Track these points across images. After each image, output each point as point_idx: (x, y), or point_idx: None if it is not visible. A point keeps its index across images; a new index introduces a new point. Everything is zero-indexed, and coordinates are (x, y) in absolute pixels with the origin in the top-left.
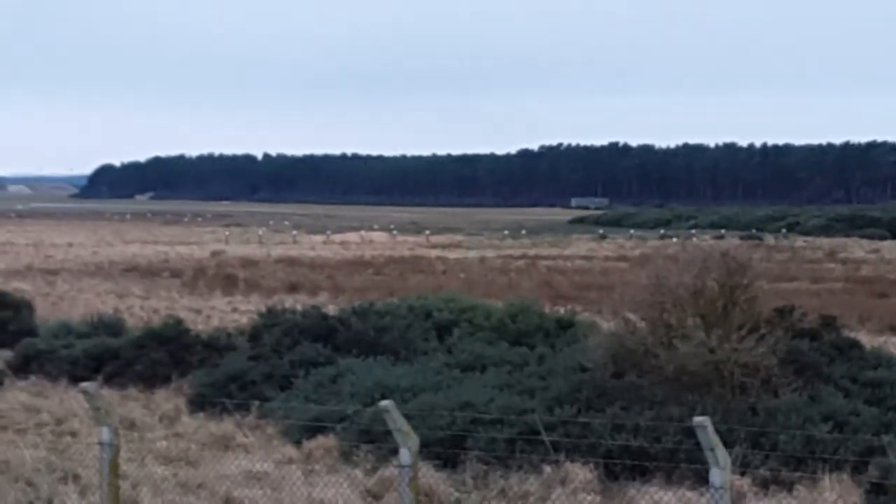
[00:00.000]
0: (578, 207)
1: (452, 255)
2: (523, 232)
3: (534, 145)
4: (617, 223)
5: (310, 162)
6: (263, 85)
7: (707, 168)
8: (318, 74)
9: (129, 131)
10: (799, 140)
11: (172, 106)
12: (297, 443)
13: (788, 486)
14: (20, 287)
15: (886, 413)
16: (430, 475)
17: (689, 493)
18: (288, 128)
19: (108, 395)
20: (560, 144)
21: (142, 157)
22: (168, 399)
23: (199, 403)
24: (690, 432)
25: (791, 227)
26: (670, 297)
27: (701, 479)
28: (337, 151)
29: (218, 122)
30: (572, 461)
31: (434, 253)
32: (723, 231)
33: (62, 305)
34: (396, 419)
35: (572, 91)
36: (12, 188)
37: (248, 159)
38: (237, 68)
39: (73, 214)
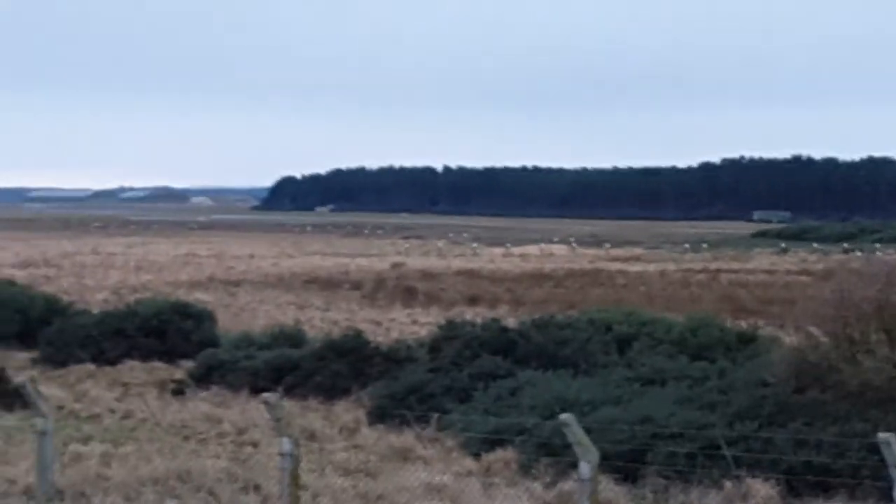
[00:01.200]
0: (760, 221)
1: (632, 268)
2: (704, 245)
3: (715, 158)
4: (799, 237)
5: (490, 174)
6: (444, 98)
7: (892, 182)
8: (498, 87)
9: (310, 144)
10: None
11: (353, 118)
12: (476, 455)
13: None
14: (202, 298)
15: None
16: (609, 489)
17: None
18: (468, 140)
19: (289, 406)
20: (742, 157)
21: (323, 170)
22: (348, 410)
23: (378, 415)
24: (874, 449)
25: None
26: (854, 311)
27: (885, 496)
28: (517, 164)
29: (398, 134)
30: (753, 477)
31: (614, 266)
32: None
33: (243, 316)
34: (576, 433)
35: (754, 103)
36: (195, 200)
37: (429, 172)
38: (418, 82)
39: (255, 226)
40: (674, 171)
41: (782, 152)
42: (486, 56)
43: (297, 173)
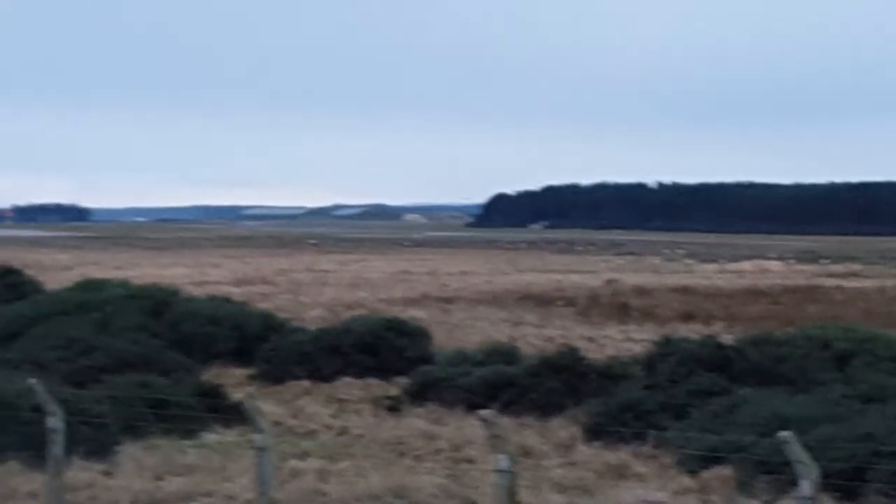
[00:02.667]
0: None
1: (850, 284)
2: None
3: None
4: None
5: (704, 190)
6: (657, 113)
7: None
8: (711, 103)
9: (523, 160)
10: None
11: (565, 135)
12: (693, 472)
13: None
14: (417, 315)
15: None
16: None
17: None
18: (681, 156)
19: (504, 422)
20: None
21: (535, 186)
22: (563, 427)
23: (594, 432)
24: None
25: None
26: None
27: None
28: (730, 179)
29: (611, 150)
30: None
31: (831, 282)
32: None
33: (457, 333)
34: (796, 450)
35: None
36: (408, 217)
37: (641, 188)
38: (630, 98)
39: (468, 243)
40: (891, 186)
41: None
42: (698, 71)
43: (510, 190)
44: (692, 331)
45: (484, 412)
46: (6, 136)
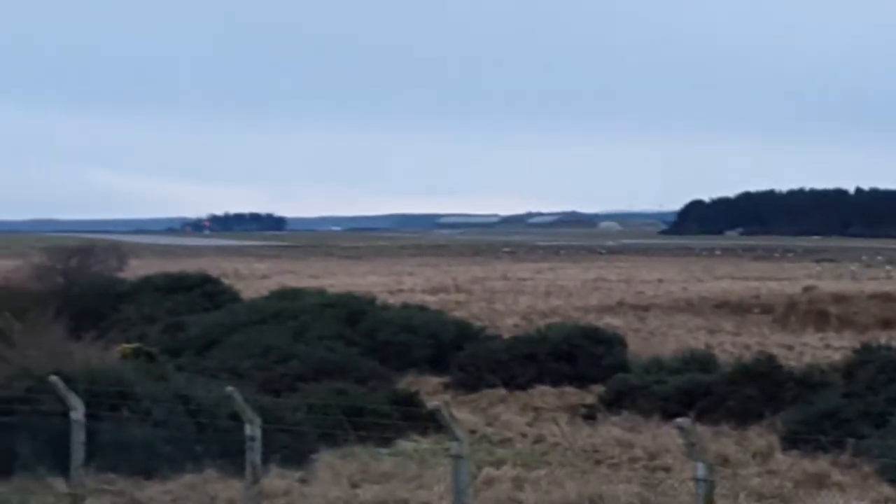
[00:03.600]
0: None
1: None
2: None
3: None
4: None
5: None
6: (855, 118)
7: None
8: None
9: (718, 167)
10: None
11: (761, 141)
12: (894, 482)
13: None
14: (612, 323)
15: None
16: None
17: None
18: (882, 160)
19: (701, 431)
20: None
21: (731, 193)
22: (761, 436)
23: (792, 440)
24: None
25: None
26: None
27: None
28: None
29: (808, 156)
30: None
31: None
32: None
33: (653, 341)
34: None
35: None
36: (603, 225)
37: (840, 193)
38: (828, 103)
39: (663, 250)
40: None
41: None
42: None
43: (706, 197)
44: (892, 338)
45: (681, 420)
46: (205, 148)
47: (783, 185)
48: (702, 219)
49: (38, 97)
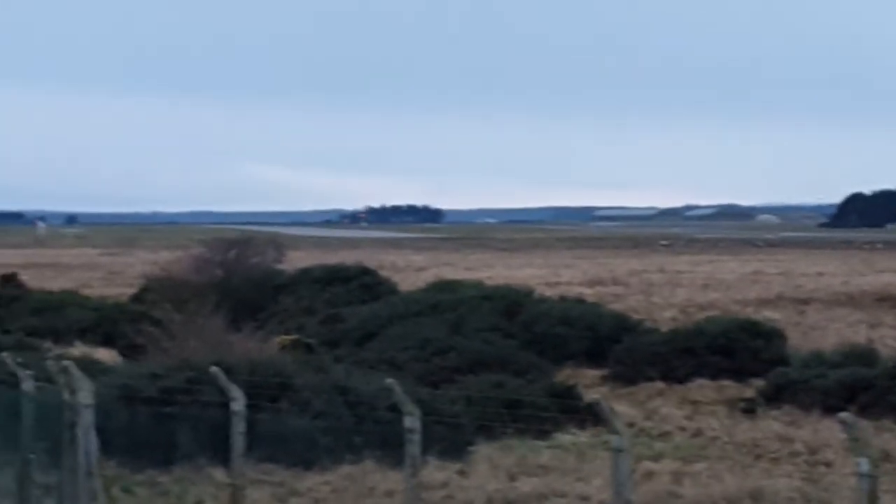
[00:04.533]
0: None
1: None
2: None
3: None
4: None
5: None
6: None
7: None
8: None
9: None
10: None
11: None
12: None
13: None
14: (771, 316)
15: None
16: None
17: None
18: None
19: (864, 425)
20: None
21: (893, 185)
22: None
23: None
24: None
25: None
26: None
27: None
28: None
29: None
30: None
31: None
32: None
33: (813, 335)
34: None
35: None
36: (761, 217)
37: None
38: None
39: (823, 244)
40: None
41: None
42: None
43: (866, 189)
44: None
45: (843, 415)
46: (364, 140)
47: None
48: (862, 211)
49: (199, 91)
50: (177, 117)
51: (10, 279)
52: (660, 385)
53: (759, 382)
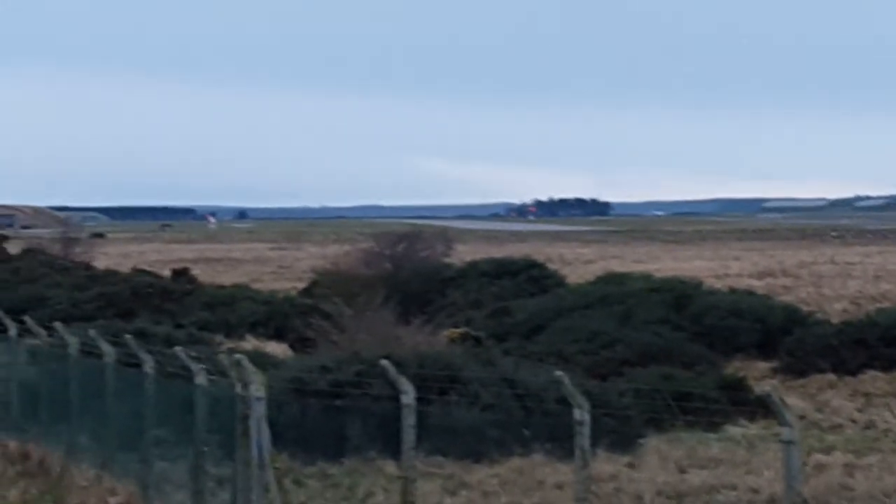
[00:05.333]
0: None
1: None
2: None
3: None
4: None
5: None
6: None
7: None
8: None
9: None
10: None
11: None
12: None
13: None
14: None
15: None
16: None
17: None
18: None
19: None
20: None
21: None
22: None
23: None
24: None
25: None
26: None
27: None
28: None
29: None
30: None
31: None
32: None
33: None
34: None
35: None
36: None
37: None
38: None
39: None
40: None
41: None
42: None
43: None
44: None
45: None
46: (531, 134)
47: None
48: None
49: (367, 86)
50: (345, 112)
51: (183, 274)
52: (831, 377)
53: None
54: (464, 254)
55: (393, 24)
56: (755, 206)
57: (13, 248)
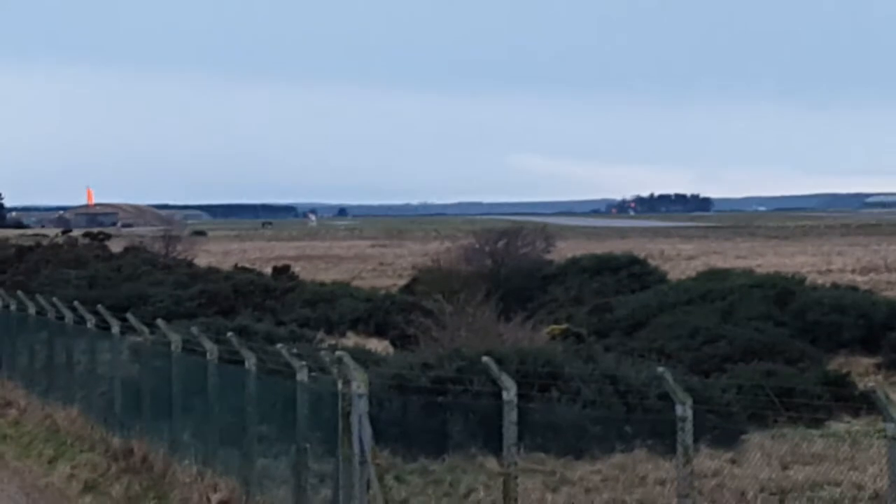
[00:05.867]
0: None
1: None
2: None
3: None
4: None
5: None
6: None
7: None
8: None
9: None
10: None
11: None
12: None
13: None
14: None
15: None
16: None
17: None
18: None
19: None
20: None
21: None
22: None
23: None
24: None
25: None
26: None
27: None
28: None
29: None
30: None
31: None
32: None
33: None
34: None
35: None
36: None
37: None
38: None
39: None
40: None
41: None
42: None
43: None
44: None
45: None
46: (632, 130)
47: None
48: None
49: (468, 83)
50: (447, 110)
51: (284, 271)
52: None
53: None
54: (564, 250)
55: (496, 23)
56: (858, 200)
57: (116, 247)
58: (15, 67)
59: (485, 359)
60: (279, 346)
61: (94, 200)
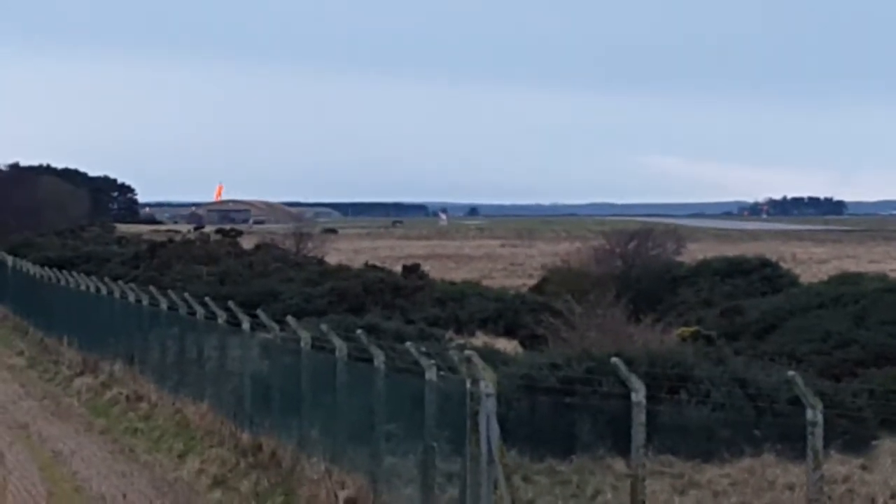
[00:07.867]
0: None
1: None
2: None
3: None
4: None
5: None
6: None
7: None
8: None
9: None
10: None
11: None
12: None
13: None
14: None
15: None
16: None
17: None
18: None
19: None
20: None
21: None
22: None
23: None
24: None
25: None
26: None
27: None
28: None
29: None
30: None
31: None
32: None
33: None
34: None
35: None
36: None
37: None
38: None
39: None
40: None
41: None
42: None
43: None
44: None
45: None
46: (765, 132)
47: None
48: None
49: (601, 84)
50: (578, 110)
51: (413, 270)
52: None
53: None
54: (695, 252)
55: (625, 22)
56: None
57: (247, 243)
58: (163, 63)
59: (614, 360)
60: (408, 344)
61: (224, 196)
